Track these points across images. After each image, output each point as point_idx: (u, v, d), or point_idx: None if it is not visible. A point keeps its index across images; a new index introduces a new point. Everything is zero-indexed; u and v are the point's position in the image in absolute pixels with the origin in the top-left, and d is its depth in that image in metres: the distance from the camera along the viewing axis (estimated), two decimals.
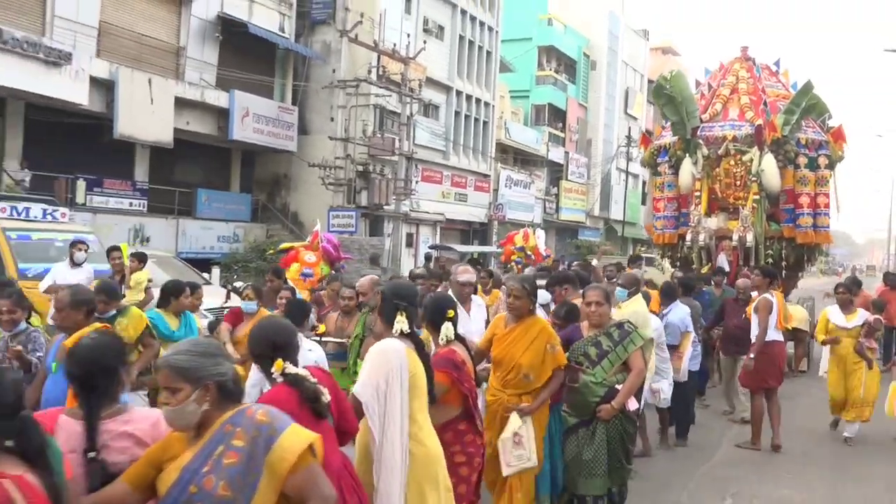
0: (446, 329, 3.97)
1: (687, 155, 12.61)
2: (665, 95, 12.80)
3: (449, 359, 3.92)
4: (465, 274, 5.97)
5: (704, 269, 12.11)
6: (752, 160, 12.20)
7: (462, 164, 29.87)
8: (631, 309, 6.14)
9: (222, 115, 20.44)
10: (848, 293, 8.36)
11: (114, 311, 5.14)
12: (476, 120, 30.76)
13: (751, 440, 7.68)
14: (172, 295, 6.22)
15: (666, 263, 13.29)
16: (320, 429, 2.73)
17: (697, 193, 12.67)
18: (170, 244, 18.79)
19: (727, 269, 11.82)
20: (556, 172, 39.30)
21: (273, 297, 6.83)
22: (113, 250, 9.18)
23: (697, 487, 6.37)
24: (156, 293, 6.77)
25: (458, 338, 4.08)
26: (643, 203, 43.62)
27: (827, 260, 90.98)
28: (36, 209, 10.79)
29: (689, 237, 12.70)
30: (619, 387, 4.75)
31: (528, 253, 15.40)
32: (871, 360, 8.02)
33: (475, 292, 6.81)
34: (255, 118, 21.02)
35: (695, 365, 7.96)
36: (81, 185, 17.42)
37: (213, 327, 7.02)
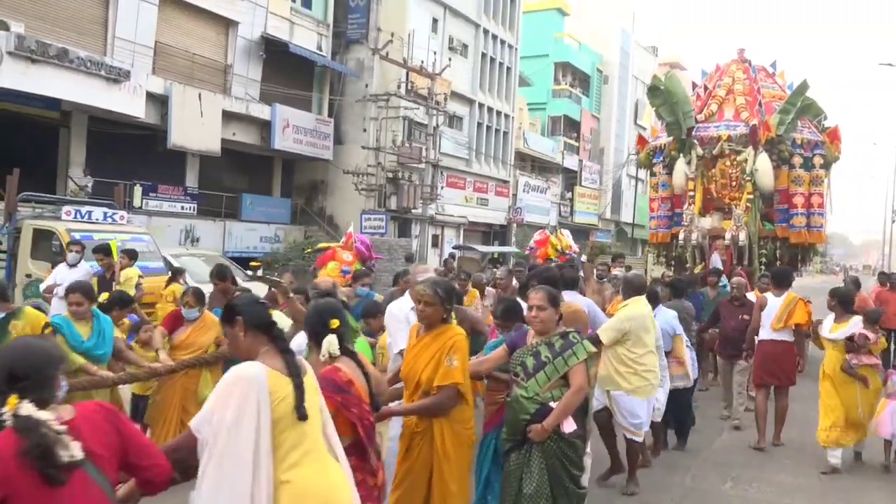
0: (329, 343, 3.09)
1: (681, 155, 11.93)
2: (660, 96, 12.15)
3: (330, 380, 3.00)
4: (425, 275, 4.74)
5: (698, 269, 11.40)
6: (746, 160, 11.47)
7: (483, 171, 29.80)
8: (632, 311, 5.45)
9: (265, 126, 20.58)
10: (834, 299, 6.51)
11: (3, 314, 4.68)
12: (497, 130, 30.67)
13: (757, 441, 6.93)
14: (117, 307, 5.46)
15: (649, 260, 12.91)
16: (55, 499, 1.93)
17: (691, 193, 11.92)
18: (217, 244, 18.98)
19: (721, 268, 10.92)
20: (571, 179, 39.09)
21: (221, 300, 5.78)
22: (97, 251, 8.63)
23: (700, 471, 6.30)
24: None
25: (348, 353, 3.17)
26: None
27: (824, 260, 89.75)
28: (97, 212, 10.97)
29: (681, 236, 11.96)
30: (553, 405, 3.79)
31: (564, 251, 14.40)
32: (864, 379, 6.25)
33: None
34: (294, 129, 21.15)
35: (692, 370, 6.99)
36: (138, 190, 17.63)
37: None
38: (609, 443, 5.68)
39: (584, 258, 12.15)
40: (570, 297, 5.80)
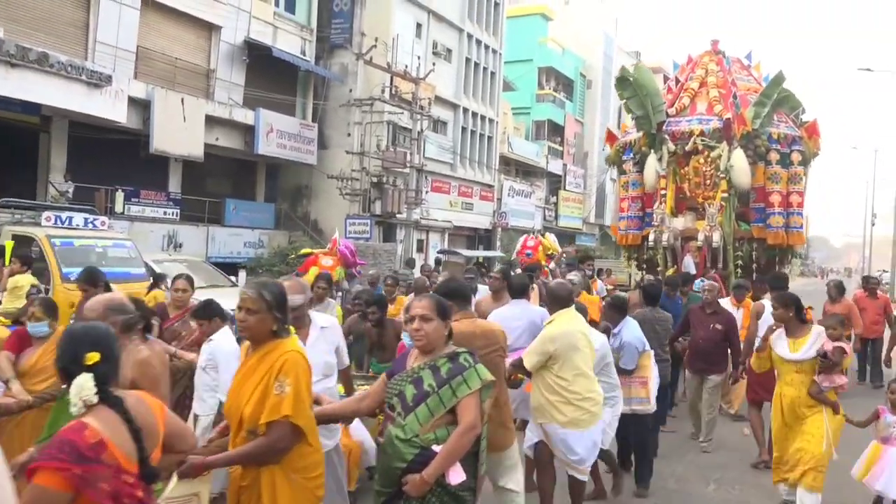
0: (79, 387, 2.17)
1: (652, 151, 11.09)
2: (629, 88, 11.27)
3: (69, 442, 2.07)
4: (296, 296, 3.61)
5: (670, 272, 10.56)
6: (720, 156, 10.63)
7: (468, 175, 29.84)
8: (557, 329, 4.55)
9: (249, 131, 20.49)
10: (787, 308, 4.97)
11: None
12: (481, 135, 30.73)
13: (759, 455, 6.54)
14: None
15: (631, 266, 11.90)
16: None
17: (663, 191, 11.11)
18: (200, 249, 18.85)
19: (693, 271, 10.21)
20: (555, 183, 39.24)
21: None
22: None
23: (684, 473, 6.33)
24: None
25: (110, 399, 2.22)
26: None
27: (806, 262, 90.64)
28: (78, 218, 10.85)
29: (651, 237, 11.10)
30: (437, 448, 2.90)
31: (552, 253, 14.03)
32: (833, 405, 4.93)
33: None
34: (278, 134, 21.07)
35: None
36: (120, 195, 17.49)
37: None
38: (543, 483, 4.78)
39: (552, 265, 11.34)
40: (521, 307, 5.48)
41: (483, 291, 7.73)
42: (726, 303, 7.93)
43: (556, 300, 4.77)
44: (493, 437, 3.69)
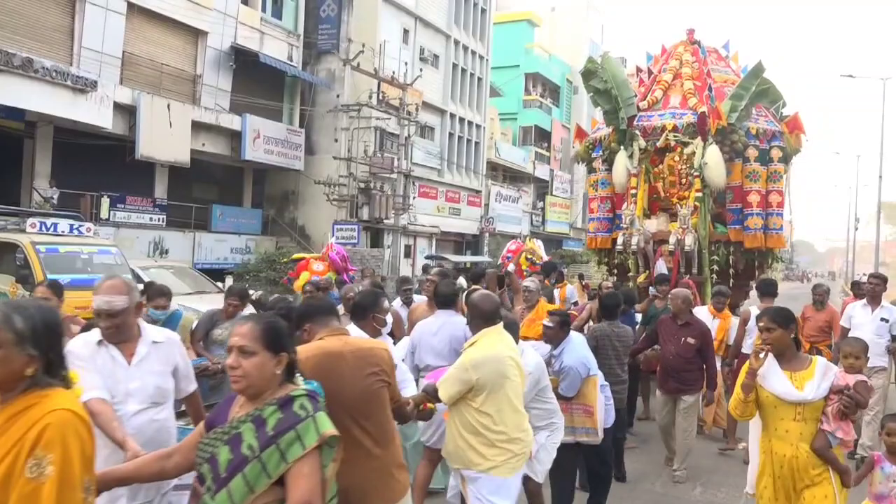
0: None
1: (622, 148, 10.18)
2: (597, 81, 10.34)
3: None
4: (116, 298, 3.05)
5: (641, 278, 9.80)
6: (694, 152, 9.68)
7: (455, 180, 29.91)
8: (480, 353, 3.70)
9: (235, 137, 20.45)
10: (782, 327, 3.53)
11: None
12: (468, 140, 30.82)
13: (726, 441, 6.88)
14: None
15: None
16: None
17: (633, 191, 10.15)
18: (187, 255, 18.78)
19: (667, 277, 9.13)
20: (542, 188, 39.39)
21: None
22: None
23: (670, 476, 6.37)
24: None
25: None
26: None
27: (791, 267, 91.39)
28: (63, 224, 10.78)
29: (620, 240, 10.08)
30: None
31: (535, 260, 13.86)
32: (844, 470, 3.51)
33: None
34: (265, 140, 21.04)
35: (607, 418, 5.14)
36: (105, 201, 17.39)
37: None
38: None
39: (511, 267, 10.39)
40: (443, 319, 4.93)
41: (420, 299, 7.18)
42: (702, 311, 7.33)
43: (478, 315, 3.83)
44: (377, 487, 2.93)
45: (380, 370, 3.04)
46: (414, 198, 25.64)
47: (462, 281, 9.78)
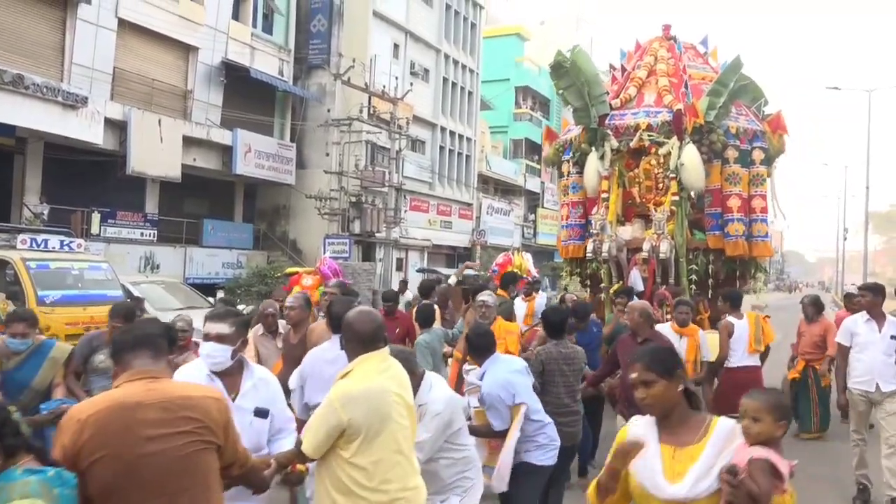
0: None
1: (593, 148, 9.44)
2: (566, 76, 9.51)
3: None
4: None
5: (615, 288, 8.86)
6: (669, 153, 8.95)
7: (447, 194, 30.02)
8: (353, 386, 2.88)
9: (226, 151, 20.49)
10: (653, 373, 2.40)
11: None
12: (459, 154, 30.97)
13: None
14: None
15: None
16: None
17: (605, 195, 9.43)
18: (178, 270, 18.76)
19: (641, 286, 8.62)
20: (534, 201, 39.56)
21: None
22: None
23: None
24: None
25: None
26: None
27: (782, 277, 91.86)
28: (54, 240, 10.77)
29: (590, 247, 9.30)
30: None
31: (522, 274, 13.53)
32: None
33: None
34: (256, 154, 21.09)
35: (548, 457, 4.25)
36: (96, 217, 17.37)
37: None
38: None
39: (452, 280, 9.33)
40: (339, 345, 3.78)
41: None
42: (665, 328, 6.49)
43: (354, 338, 3.02)
44: None
45: (200, 426, 2.32)
46: (405, 211, 25.70)
47: (409, 295, 9.59)
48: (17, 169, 16.85)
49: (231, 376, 3.17)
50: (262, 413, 3.18)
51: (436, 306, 7.37)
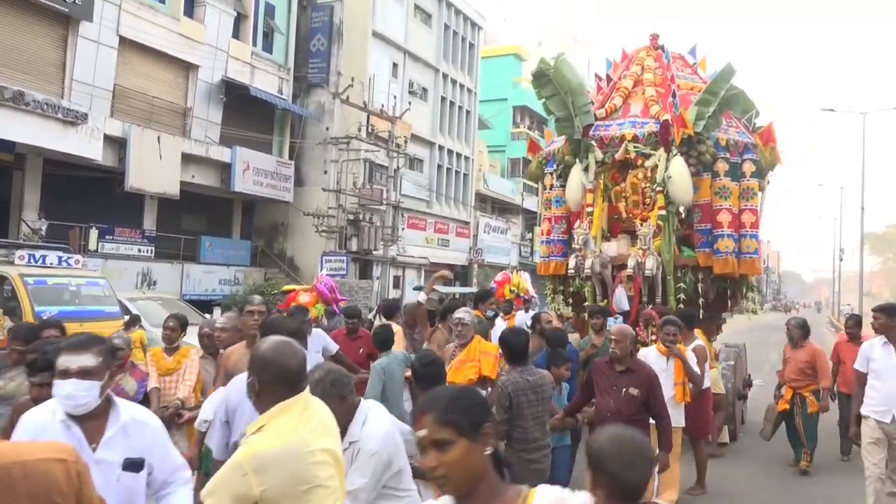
0: None
1: (577, 160, 9.05)
2: (548, 85, 9.11)
3: None
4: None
5: (599, 305, 8.43)
6: (656, 165, 8.56)
7: (444, 212, 30.12)
8: (269, 444, 2.30)
9: (225, 168, 20.59)
10: (452, 431, 1.73)
11: None
12: (457, 172, 31.13)
13: (697, 484, 6.46)
14: None
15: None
16: None
17: (589, 208, 9.00)
18: (175, 287, 18.77)
19: (626, 306, 8.17)
20: (531, 219, 39.65)
21: None
22: None
23: None
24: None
25: None
26: None
27: (779, 297, 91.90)
28: (52, 256, 10.82)
29: (571, 263, 8.73)
30: None
31: (519, 293, 13.54)
32: None
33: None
34: (255, 172, 21.19)
35: None
36: (94, 233, 17.40)
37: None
38: None
39: (421, 297, 8.36)
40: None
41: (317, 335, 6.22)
42: (650, 352, 6.08)
43: (276, 379, 2.41)
44: None
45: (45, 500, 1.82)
46: (403, 229, 25.79)
47: (370, 315, 9.15)
48: (16, 184, 16.90)
49: (95, 419, 2.56)
50: (134, 465, 2.58)
51: (399, 327, 7.03)
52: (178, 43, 19.22)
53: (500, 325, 9.37)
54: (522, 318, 9.69)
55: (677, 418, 5.60)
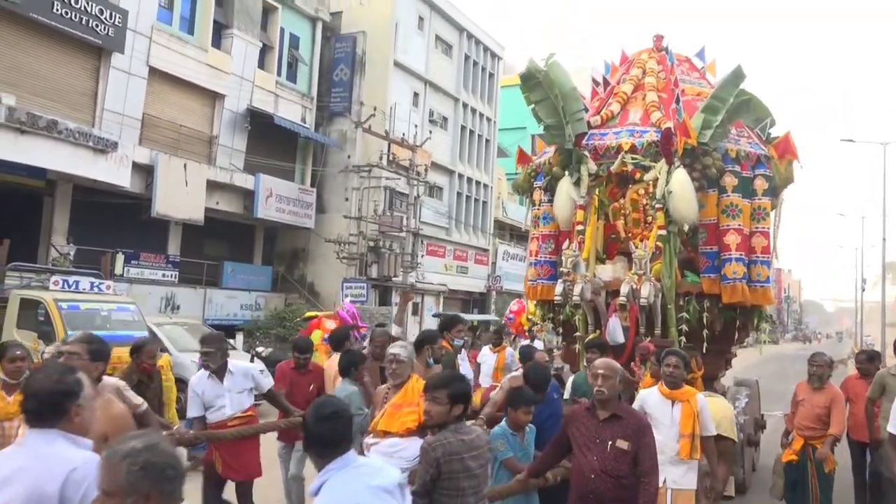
0: None
1: (566, 173, 7.97)
2: (538, 89, 7.90)
3: None
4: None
5: (591, 338, 7.31)
6: (656, 178, 7.50)
7: (463, 239, 30.33)
8: None
9: (248, 195, 20.96)
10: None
11: None
12: (476, 200, 31.39)
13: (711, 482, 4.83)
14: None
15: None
16: None
17: (580, 227, 7.95)
18: (198, 311, 19.04)
19: (621, 338, 7.14)
20: None
21: None
22: None
23: None
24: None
25: None
26: None
27: (800, 327, 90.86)
28: (84, 282, 11.14)
29: (559, 289, 7.58)
30: None
31: (537, 321, 12.34)
32: None
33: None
34: (277, 199, 21.55)
35: None
36: (120, 258, 17.74)
37: None
38: None
39: (393, 330, 8.16)
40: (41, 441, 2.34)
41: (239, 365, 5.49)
42: (651, 394, 4.87)
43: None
44: None
45: None
46: (422, 256, 25.99)
47: (394, 329, 8.43)
48: (46, 210, 17.32)
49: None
50: None
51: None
52: (206, 73, 19.72)
53: (489, 357, 9.00)
54: (512, 354, 8.99)
55: (688, 479, 4.53)
